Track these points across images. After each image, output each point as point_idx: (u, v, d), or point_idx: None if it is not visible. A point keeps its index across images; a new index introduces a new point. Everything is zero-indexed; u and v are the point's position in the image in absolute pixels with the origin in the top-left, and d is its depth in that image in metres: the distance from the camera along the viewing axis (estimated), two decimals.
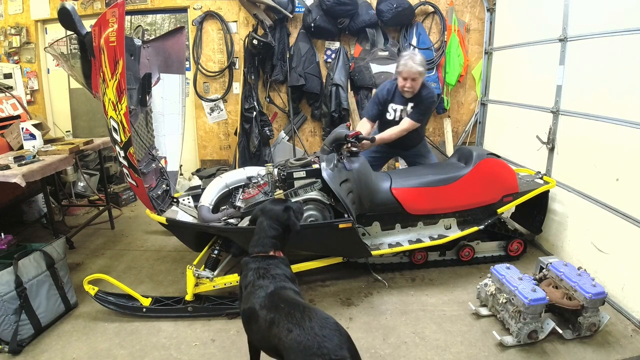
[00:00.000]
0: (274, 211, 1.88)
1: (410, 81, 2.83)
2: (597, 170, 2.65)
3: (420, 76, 2.83)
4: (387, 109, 3.03)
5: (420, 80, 2.87)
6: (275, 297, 1.53)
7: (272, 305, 1.50)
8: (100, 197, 4.39)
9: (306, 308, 1.43)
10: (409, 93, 2.90)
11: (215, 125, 4.81)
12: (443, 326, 2.34)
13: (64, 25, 2.30)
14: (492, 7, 4.19)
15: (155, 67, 2.94)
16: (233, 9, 4.51)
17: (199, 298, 2.52)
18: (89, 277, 2.51)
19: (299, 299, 1.53)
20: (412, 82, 2.83)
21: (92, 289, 2.50)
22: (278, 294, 1.54)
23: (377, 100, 3.05)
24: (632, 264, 2.37)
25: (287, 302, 1.49)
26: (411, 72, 2.79)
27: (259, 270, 1.66)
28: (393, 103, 3.01)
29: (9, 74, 4.22)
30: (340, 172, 2.54)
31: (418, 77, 2.83)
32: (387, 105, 3.03)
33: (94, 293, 2.50)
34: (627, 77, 2.41)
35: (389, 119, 3.04)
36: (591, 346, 2.14)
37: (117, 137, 2.32)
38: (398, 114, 3.01)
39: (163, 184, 2.96)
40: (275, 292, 1.55)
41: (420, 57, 2.84)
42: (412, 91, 2.88)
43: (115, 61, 2.12)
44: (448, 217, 2.83)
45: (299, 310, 1.41)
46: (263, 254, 1.76)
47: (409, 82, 2.84)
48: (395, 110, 3.01)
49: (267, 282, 1.60)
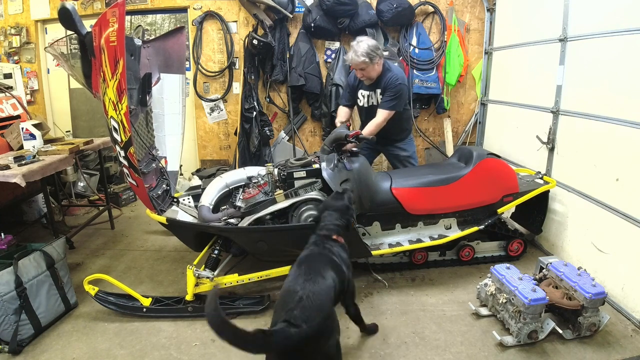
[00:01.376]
0: (337, 206, 2.16)
1: (360, 71, 2.90)
2: (597, 170, 2.65)
3: (367, 65, 2.83)
4: (357, 95, 3.10)
5: (371, 68, 2.87)
6: (310, 256, 1.83)
7: (303, 260, 1.80)
8: (100, 197, 4.39)
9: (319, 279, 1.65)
10: (367, 80, 2.97)
11: (215, 125, 4.81)
12: (443, 326, 2.34)
13: (64, 25, 2.30)
14: (492, 7, 4.19)
15: (156, 67, 2.94)
16: (233, 9, 4.51)
17: (199, 298, 2.52)
18: (89, 277, 2.51)
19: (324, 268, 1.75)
20: (362, 71, 2.89)
21: (93, 289, 2.50)
22: (315, 255, 1.83)
23: (347, 87, 3.18)
24: (632, 264, 2.37)
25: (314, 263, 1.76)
26: (354, 63, 2.86)
27: (317, 242, 1.94)
28: (362, 89, 3.08)
29: (9, 74, 4.22)
30: (340, 172, 2.54)
31: (365, 66, 2.84)
32: (356, 92, 3.10)
33: (94, 293, 2.50)
34: (627, 77, 2.41)
35: (360, 105, 3.12)
36: (591, 346, 2.14)
37: (117, 137, 2.32)
38: (366, 100, 3.07)
39: (163, 183, 2.96)
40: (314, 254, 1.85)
41: (365, 46, 2.81)
42: (368, 78, 2.94)
43: (116, 61, 2.12)
44: (448, 217, 2.83)
45: (314, 275, 1.66)
46: (326, 234, 2.00)
47: (359, 72, 2.93)
48: (364, 96, 3.07)
49: (317, 249, 1.89)
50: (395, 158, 3.26)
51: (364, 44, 2.82)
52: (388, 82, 2.90)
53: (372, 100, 3.04)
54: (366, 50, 2.80)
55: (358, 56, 2.81)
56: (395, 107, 2.92)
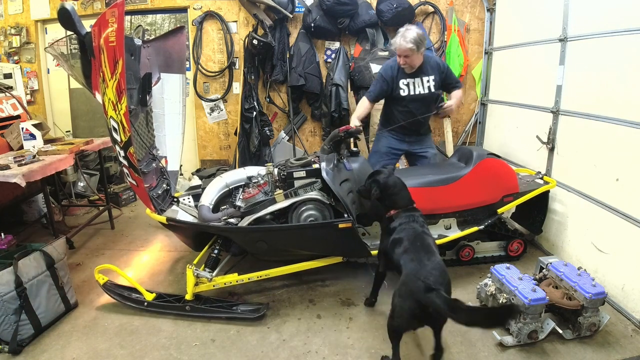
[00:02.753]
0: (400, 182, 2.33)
1: (403, 58, 2.89)
2: (597, 170, 2.65)
3: (413, 52, 2.85)
4: (398, 85, 3.04)
5: (415, 56, 2.90)
6: (417, 236, 2.08)
7: (413, 240, 2.05)
8: (100, 197, 4.39)
9: (430, 252, 1.97)
10: (408, 68, 2.96)
11: (215, 125, 4.81)
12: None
13: (64, 25, 2.30)
14: (492, 7, 4.19)
15: (156, 66, 2.94)
16: (233, 9, 4.51)
17: (198, 298, 2.52)
18: (100, 267, 2.60)
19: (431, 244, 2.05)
20: (406, 58, 2.88)
21: (102, 278, 2.58)
22: (420, 235, 2.09)
23: (382, 79, 3.07)
24: (632, 264, 2.36)
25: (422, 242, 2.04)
26: (401, 48, 2.85)
27: (410, 217, 2.19)
28: (402, 79, 3.03)
29: (9, 74, 4.22)
30: (340, 172, 2.54)
31: (410, 53, 2.86)
32: (397, 82, 3.04)
33: (103, 282, 2.59)
34: (627, 77, 2.41)
35: (403, 95, 3.05)
36: (591, 346, 2.14)
37: (117, 136, 2.32)
38: (412, 87, 3.04)
39: (163, 183, 2.96)
40: (419, 233, 2.10)
41: (414, 33, 2.83)
42: (410, 66, 2.95)
43: (115, 61, 2.12)
44: (448, 217, 2.83)
45: (425, 252, 1.97)
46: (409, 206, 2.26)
47: (402, 59, 2.91)
48: (408, 85, 3.04)
49: (418, 226, 2.15)
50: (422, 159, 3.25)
51: (413, 31, 2.83)
52: (441, 64, 3.08)
53: (419, 89, 3.03)
54: (415, 37, 2.81)
55: (407, 42, 2.80)
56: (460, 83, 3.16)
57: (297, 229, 2.47)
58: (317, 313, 2.50)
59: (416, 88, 3.03)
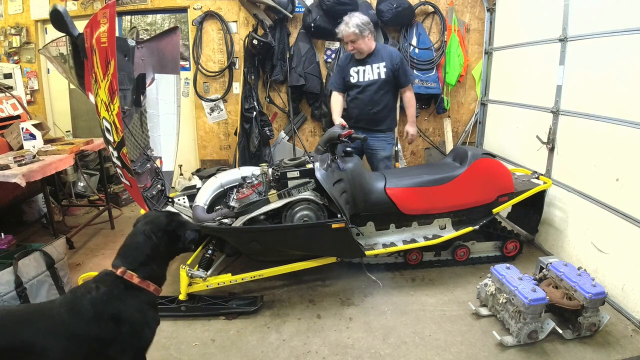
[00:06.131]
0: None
1: (350, 44, 3.01)
2: (597, 170, 2.65)
3: (357, 37, 2.94)
4: (349, 72, 3.16)
5: (361, 41, 2.98)
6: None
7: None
8: (100, 197, 4.39)
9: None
10: (357, 54, 3.06)
11: (215, 125, 4.80)
12: (443, 326, 2.34)
13: (56, 27, 2.26)
14: (492, 7, 4.19)
15: (150, 67, 2.93)
16: (233, 9, 4.51)
17: (193, 298, 2.51)
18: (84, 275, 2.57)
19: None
20: (353, 44, 2.99)
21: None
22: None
23: (339, 67, 3.26)
24: (632, 264, 2.36)
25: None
26: (345, 34, 2.97)
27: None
28: (353, 67, 3.15)
29: (9, 74, 4.21)
30: (333, 172, 2.54)
31: (355, 38, 2.94)
32: (347, 70, 3.17)
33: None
34: (627, 77, 2.41)
35: (353, 82, 3.16)
36: (591, 346, 2.14)
37: (110, 137, 2.30)
38: (361, 74, 3.13)
39: (158, 184, 2.95)
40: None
41: (356, 19, 2.93)
42: (359, 52, 3.03)
43: (107, 62, 2.10)
44: (443, 217, 2.83)
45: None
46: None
47: (350, 45, 3.02)
48: (358, 72, 3.13)
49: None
50: (373, 157, 3.26)
51: (356, 17, 2.95)
52: (394, 55, 3.07)
53: (369, 75, 3.08)
54: (357, 22, 2.92)
55: (349, 27, 2.92)
56: (412, 80, 3.12)
57: (291, 229, 2.46)
58: (317, 313, 2.50)
59: (366, 75, 3.10)
